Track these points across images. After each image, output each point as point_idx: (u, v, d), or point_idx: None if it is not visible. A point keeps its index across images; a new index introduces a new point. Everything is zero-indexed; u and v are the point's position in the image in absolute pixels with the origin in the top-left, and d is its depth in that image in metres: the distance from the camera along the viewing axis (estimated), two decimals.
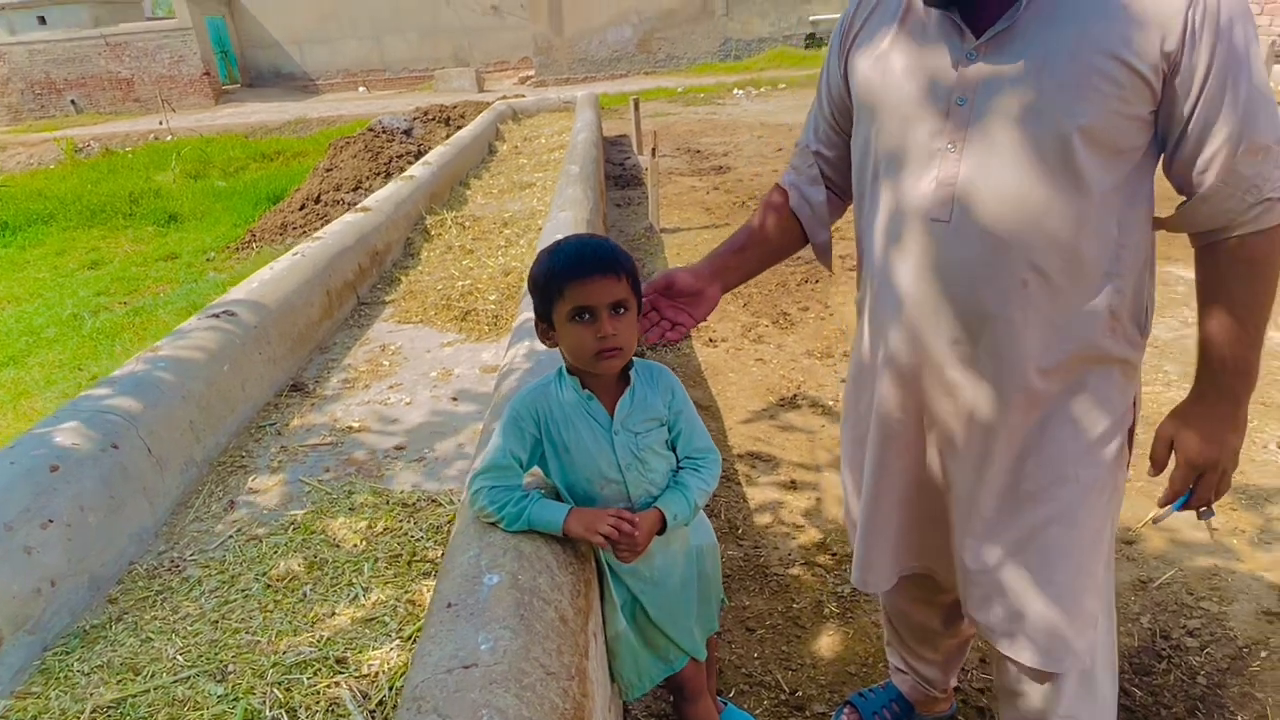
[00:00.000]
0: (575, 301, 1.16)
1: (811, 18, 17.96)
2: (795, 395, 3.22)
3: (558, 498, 1.32)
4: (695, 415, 1.33)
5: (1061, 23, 0.95)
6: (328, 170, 8.52)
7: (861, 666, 1.90)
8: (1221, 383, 1.06)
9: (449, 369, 2.69)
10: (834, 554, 2.29)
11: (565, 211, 3.54)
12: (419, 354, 2.84)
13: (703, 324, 4.10)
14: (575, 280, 1.16)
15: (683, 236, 5.36)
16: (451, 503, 1.90)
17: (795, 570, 2.24)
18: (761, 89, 13.15)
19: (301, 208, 7.70)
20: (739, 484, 2.65)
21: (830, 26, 17.95)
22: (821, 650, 1.96)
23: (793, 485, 2.63)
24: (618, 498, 1.28)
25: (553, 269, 1.18)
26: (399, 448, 2.22)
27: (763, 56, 17.51)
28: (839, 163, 1.29)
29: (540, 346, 1.85)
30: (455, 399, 2.48)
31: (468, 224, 4.45)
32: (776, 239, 1.37)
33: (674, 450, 1.33)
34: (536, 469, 1.34)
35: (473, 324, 3.02)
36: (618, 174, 7.61)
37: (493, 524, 1.27)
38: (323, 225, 6.24)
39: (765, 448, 2.87)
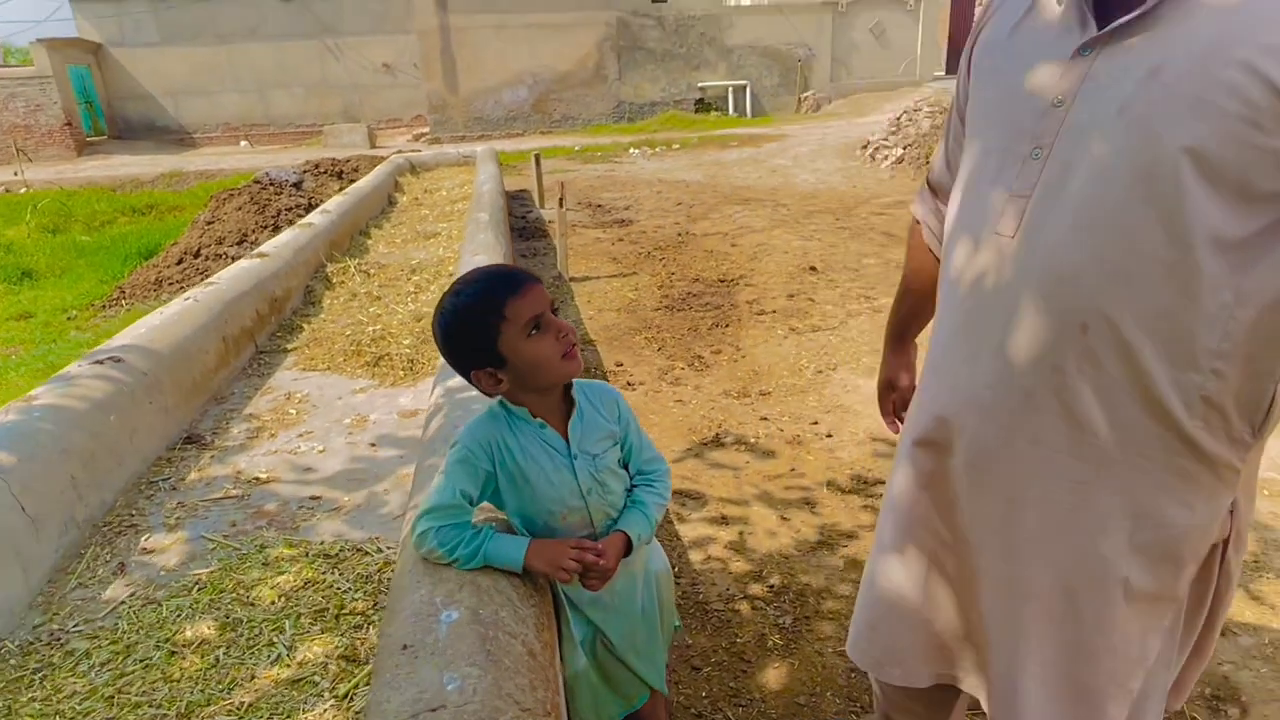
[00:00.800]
0: (525, 315, 1.12)
1: (699, 84, 18.89)
2: (718, 434, 3.24)
3: (510, 532, 1.26)
4: (640, 426, 1.32)
5: (1202, 19, 0.76)
6: (209, 223, 8.07)
7: (810, 696, 1.88)
8: None
9: (364, 415, 2.55)
10: (771, 586, 2.28)
11: (479, 255, 3.49)
12: (329, 401, 2.68)
13: (620, 368, 4.08)
14: (514, 297, 1.13)
15: (592, 285, 5.38)
16: (379, 550, 1.77)
17: (735, 605, 2.21)
18: (657, 149, 13.61)
19: (179, 262, 7.22)
20: (671, 522, 2.61)
21: (717, 93, 18.94)
22: (769, 683, 1.93)
23: (723, 520, 2.63)
24: (580, 525, 1.23)
25: (481, 300, 1.14)
26: (315, 497, 2.06)
27: (655, 119, 18.19)
28: None
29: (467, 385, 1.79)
30: (374, 445, 2.34)
31: (372, 271, 4.30)
32: (934, 280, 1.19)
33: (625, 468, 1.30)
34: (487, 504, 1.28)
35: (386, 369, 2.89)
36: (520, 226, 7.61)
37: (444, 565, 1.19)
38: (203, 280, 5.90)
39: (693, 485, 2.86)
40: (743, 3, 20.52)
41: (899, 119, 10.62)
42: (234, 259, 6.83)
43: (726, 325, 4.52)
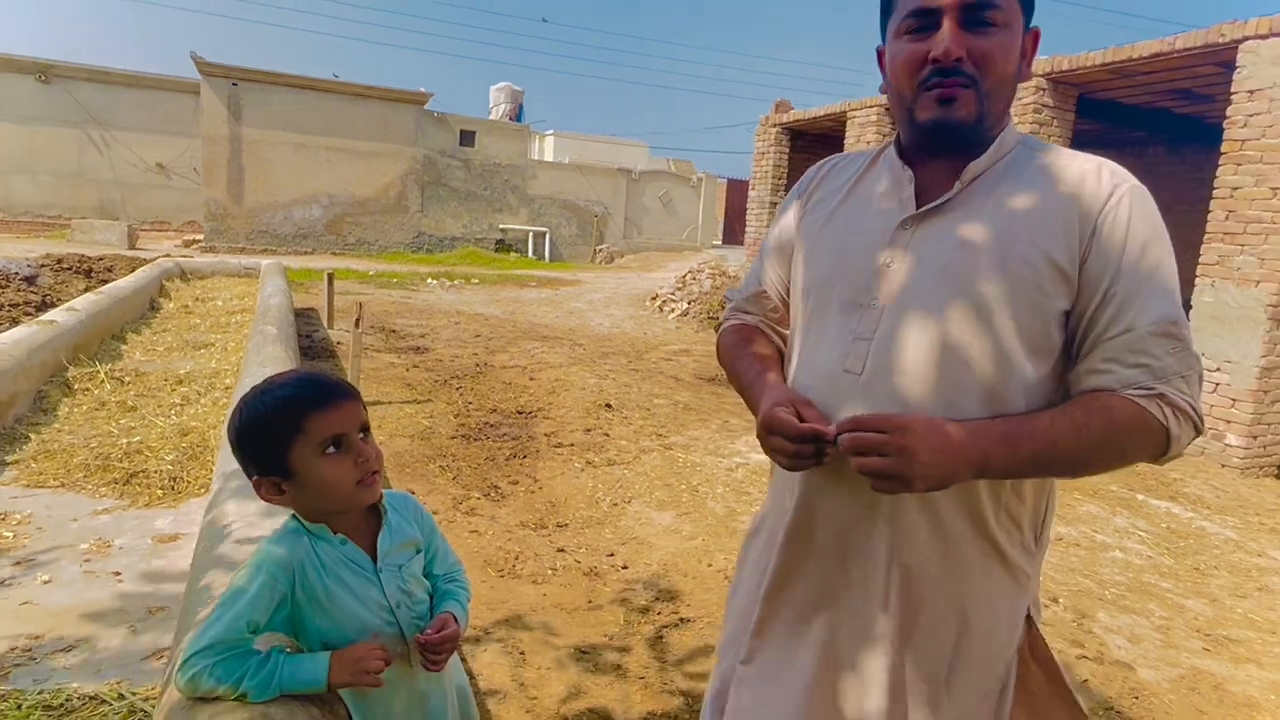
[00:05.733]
0: (326, 432, 1.09)
1: (501, 225, 19.62)
2: (514, 565, 3.16)
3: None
4: (442, 534, 1.31)
5: (992, 206, 0.99)
6: None
7: None
8: (1003, 430, 0.93)
9: (107, 540, 2.18)
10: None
11: (266, 369, 3.24)
12: (61, 524, 2.27)
13: (415, 495, 3.90)
14: (319, 410, 1.10)
15: (384, 410, 5.16)
16: (122, 697, 1.49)
17: None
18: (455, 281, 13.70)
19: None
20: (464, 659, 2.46)
21: (517, 236, 19.74)
22: None
23: (520, 654, 2.53)
24: (393, 644, 1.16)
25: (284, 405, 1.10)
26: (34, 637, 1.70)
27: (455, 253, 18.45)
28: (784, 304, 1.24)
29: (255, 501, 1.66)
30: (119, 575, 2.00)
31: (127, 379, 3.81)
32: (770, 344, 1.26)
33: (425, 576, 1.27)
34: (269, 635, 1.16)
35: (140, 488, 2.52)
36: (306, 345, 7.18)
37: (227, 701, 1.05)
38: None
39: (490, 617, 2.74)
40: (546, 158, 22.06)
41: (684, 277, 11.72)
42: None
43: (524, 456, 4.52)
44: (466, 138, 19.17)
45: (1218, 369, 5.35)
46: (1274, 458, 5.32)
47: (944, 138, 1.02)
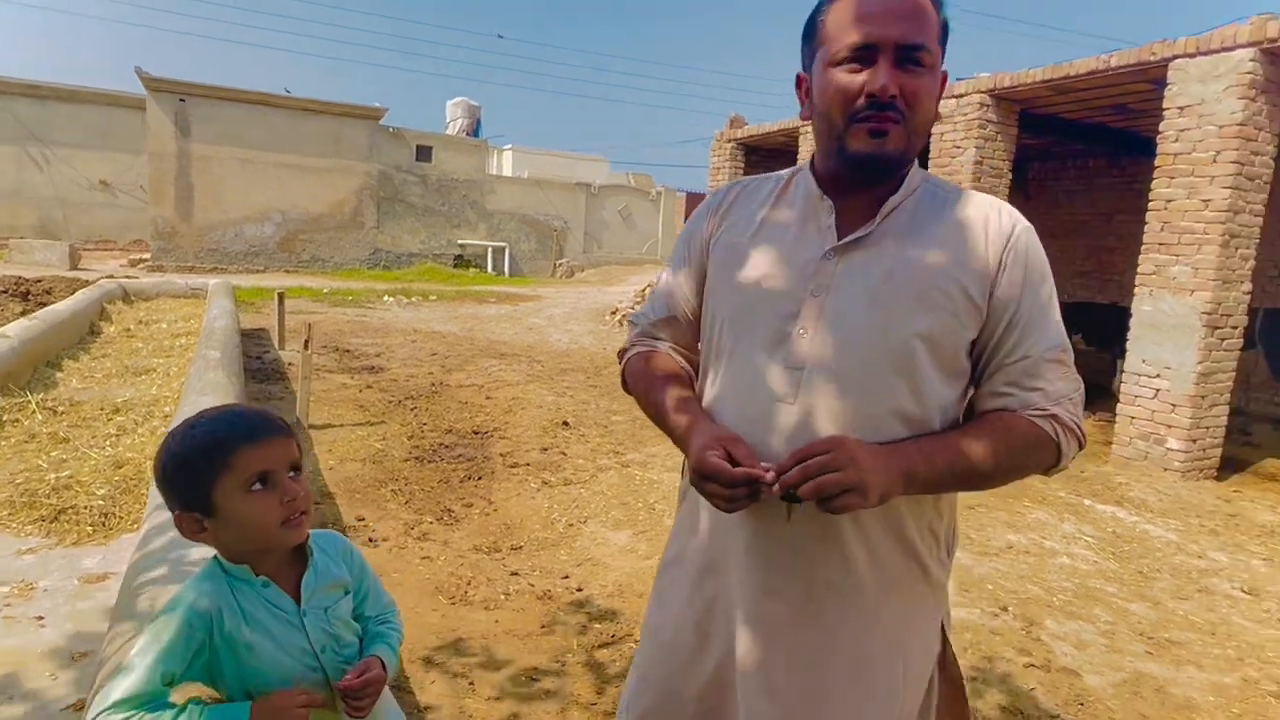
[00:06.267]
0: (253, 468, 1.05)
1: (460, 241, 19.46)
2: (466, 591, 3.11)
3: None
4: (374, 573, 1.27)
5: (910, 240, 1.04)
6: None
7: None
8: (919, 446, 0.98)
9: (30, 582, 2.09)
10: None
11: (206, 397, 3.15)
12: None
13: (362, 523, 3.82)
14: (248, 445, 1.06)
15: (334, 433, 5.05)
16: None
17: None
18: (413, 298, 13.53)
19: None
20: (411, 692, 2.40)
21: (476, 251, 19.60)
22: None
23: (469, 681, 2.47)
24: (318, 690, 1.11)
25: (213, 440, 1.06)
26: None
27: (413, 269, 18.23)
28: (692, 330, 1.23)
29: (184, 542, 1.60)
30: (42, 620, 1.91)
31: (61, 409, 3.67)
32: (686, 370, 1.25)
33: (355, 619, 1.23)
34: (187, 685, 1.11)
35: (68, 525, 2.42)
36: (256, 367, 7.01)
37: None
38: None
39: (438, 643, 2.68)
40: (505, 173, 21.98)
41: (644, 291, 11.75)
42: None
43: (479, 478, 4.46)
44: (423, 153, 19.01)
45: (1157, 375, 5.52)
46: (1212, 460, 5.50)
47: (872, 170, 1.05)
